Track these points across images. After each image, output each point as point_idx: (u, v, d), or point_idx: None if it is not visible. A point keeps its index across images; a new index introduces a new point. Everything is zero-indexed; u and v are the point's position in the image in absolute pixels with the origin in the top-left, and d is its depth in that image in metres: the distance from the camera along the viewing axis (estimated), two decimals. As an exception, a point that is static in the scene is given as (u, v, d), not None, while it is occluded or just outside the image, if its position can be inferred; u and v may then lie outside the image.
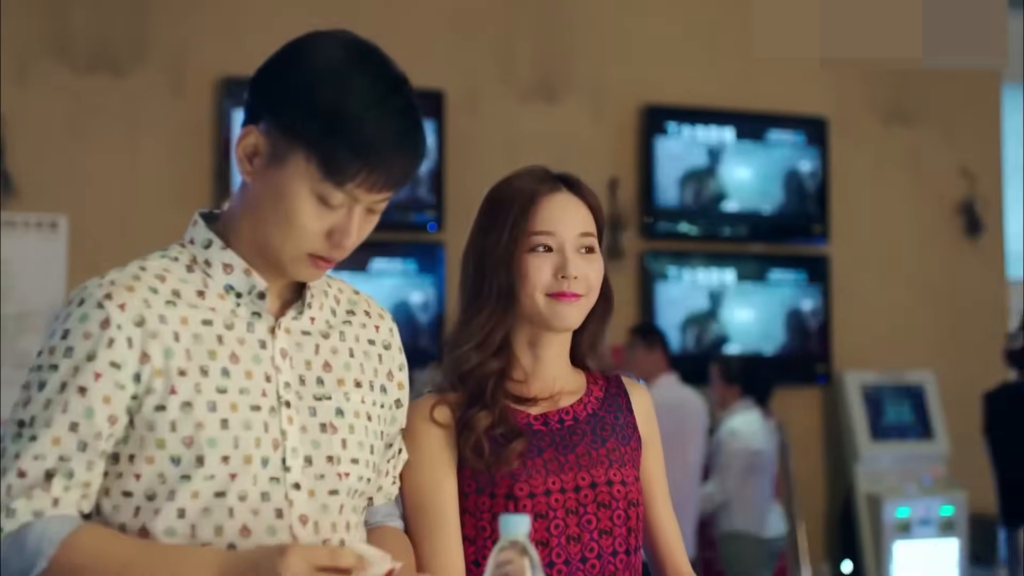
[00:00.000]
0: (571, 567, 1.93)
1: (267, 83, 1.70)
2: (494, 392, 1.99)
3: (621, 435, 2.04)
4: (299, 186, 1.65)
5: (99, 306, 1.65)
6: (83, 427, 1.62)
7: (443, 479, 1.95)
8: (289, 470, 1.69)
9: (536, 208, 2.02)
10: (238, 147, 1.69)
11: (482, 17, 6.33)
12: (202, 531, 1.64)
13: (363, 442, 1.77)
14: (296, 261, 1.70)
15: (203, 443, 1.64)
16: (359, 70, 1.68)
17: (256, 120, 1.68)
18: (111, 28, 5.72)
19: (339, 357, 1.79)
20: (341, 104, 1.63)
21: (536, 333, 2.04)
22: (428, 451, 1.96)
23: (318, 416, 1.73)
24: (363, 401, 1.79)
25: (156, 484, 1.64)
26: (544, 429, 2.00)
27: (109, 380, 1.63)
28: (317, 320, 1.79)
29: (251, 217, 1.71)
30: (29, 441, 1.62)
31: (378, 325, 1.88)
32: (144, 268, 1.71)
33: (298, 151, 1.64)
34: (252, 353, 1.70)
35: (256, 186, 1.69)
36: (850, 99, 6.99)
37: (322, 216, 1.66)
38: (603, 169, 6.30)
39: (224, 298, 1.72)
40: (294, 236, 1.67)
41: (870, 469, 6.61)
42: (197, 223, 1.77)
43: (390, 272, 6.00)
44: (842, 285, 6.89)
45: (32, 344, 5.48)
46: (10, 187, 5.51)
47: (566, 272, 2.00)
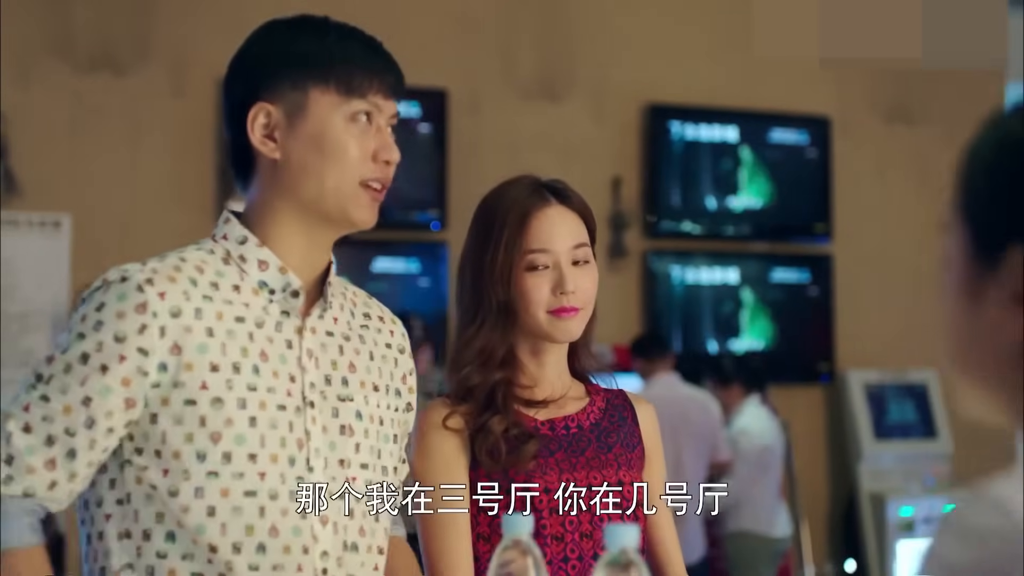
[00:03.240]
0: (584, 563, 1.97)
1: (251, 62, 1.77)
2: (504, 399, 2.02)
3: (626, 442, 2.08)
4: (330, 117, 1.72)
5: (139, 289, 1.65)
6: (95, 403, 1.62)
7: (455, 481, 1.98)
8: (312, 470, 1.70)
9: (529, 225, 2.04)
10: (253, 133, 1.73)
11: (485, 17, 6.33)
12: (232, 530, 1.65)
13: (374, 447, 1.79)
14: (356, 199, 1.74)
15: (231, 440, 1.65)
16: (305, 17, 1.81)
17: (252, 101, 1.73)
18: (113, 27, 5.72)
19: (361, 359, 1.81)
20: (323, 34, 1.76)
21: (538, 343, 2.07)
22: (441, 454, 1.99)
23: (339, 417, 1.74)
24: (379, 405, 1.81)
25: (180, 480, 1.64)
26: (551, 434, 2.03)
27: (132, 364, 1.63)
28: (339, 321, 1.81)
29: (294, 188, 1.73)
30: (40, 399, 1.63)
31: (392, 330, 1.90)
32: (184, 259, 1.72)
33: (313, 89, 1.72)
34: (279, 352, 1.71)
35: (289, 152, 1.72)
36: (853, 98, 6.99)
37: (361, 139, 1.73)
38: (606, 168, 6.30)
39: (257, 294, 1.73)
40: (347, 166, 1.72)
41: (873, 468, 6.61)
42: (230, 220, 1.78)
43: (393, 271, 6.01)
44: (845, 284, 6.89)
45: (35, 343, 5.48)
46: (13, 186, 5.51)
47: (564, 288, 2.03)
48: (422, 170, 6.05)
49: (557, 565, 1.95)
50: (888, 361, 6.88)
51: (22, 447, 1.61)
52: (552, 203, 2.06)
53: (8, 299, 5.47)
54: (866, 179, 7.00)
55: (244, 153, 1.77)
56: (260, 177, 1.76)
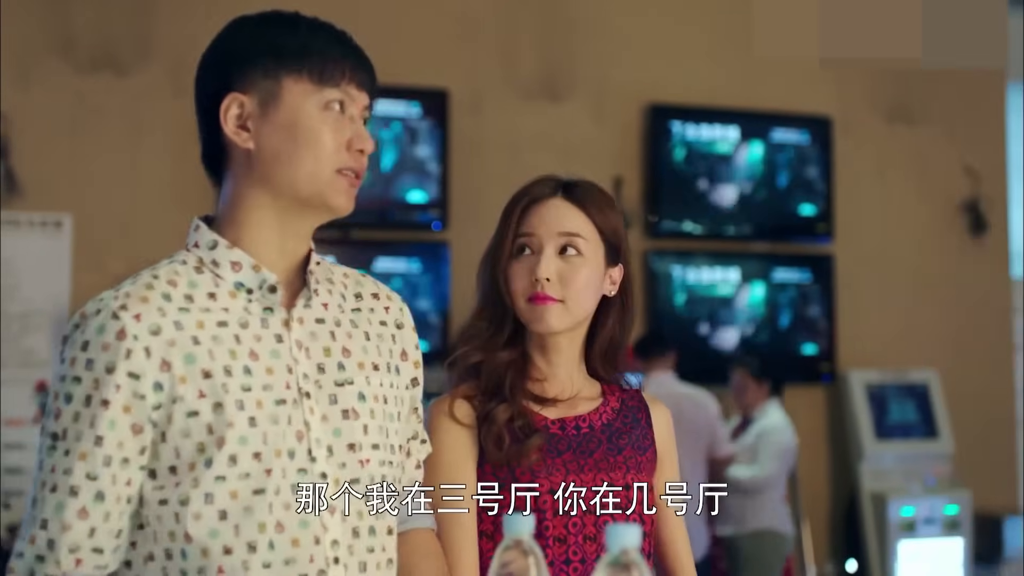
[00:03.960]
0: (586, 565, 1.95)
1: (221, 56, 1.79)
2: (512, 387, 2.01)
3: (637, 445, 2.06)
4: (303, 104, 1.72)
5: (115, 317, 1.66)
6: (107, 439, 1.63)
7: (462, 477, 1.97)
8: (315, 460, 1.70)
9: (526, 213, 2.05)
10: (226, 123, 1.74)
11: (485, 17, 6.33)
12: (246, 530, 1.65)
13: (382, 426, 1.78)
14: (332, 184, 1.74)
15: (235, 442, 1.65)
16: (276, 12, 1.81)
17: (224, 93, 1.74)
18: (114, 27, 5.72)
19: (355, 341, 1.80)
20: (294, 27, 1.76)
21: (544, 338, 2.06)
22: (448, 448, 1.98)
23: (339, 403, 1.74)
24: (381, 384, 1.80)
25: (190, 489, 1.64)
26: (561, 434, 2.01)
27: (128, 391, 1.64)
28: (330, 306, 1.80)
29: (268, 177, 1.73)
30: (64, 456, 1.64)
31: (387, 306, 1.89)
32: (156, 276, 1.72)
33: (286, 77, 1.72)
34: (270, 348, 1.71)
35: (263, 141, 1.73)
36: (854, 98, 6.99)
37: (335, 127, 1.73)
38: (607, 168, 6.30)
39: (235, 296, 1.72)
40: (321, 153, 1.72)
41: (874, 468, 6.61)
42: (199, 227, 1.78)
43: (395, 271, 6.00)
44: (846, 284, 6.88)
45: (35, 344, 5.48)
46: (14, 186, 5.51)
47: (536, 274, 2.01)
48: (423, 170, 6.05)
49: (559, 567, 1.94)
50: (889, 361, 6.88)
51: (53, 506, 1.63)
52: (556, 195, 2.05)
53: (9, 299, 5.47)
54: (867, 179, 7.00)
55: (216, 147, 1.78)
56: (233, 170, 1.76)
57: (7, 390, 5.39)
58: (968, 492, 6.63)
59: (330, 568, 1.69)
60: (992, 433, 7.07)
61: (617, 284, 2.08)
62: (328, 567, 1.69)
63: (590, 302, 2.04)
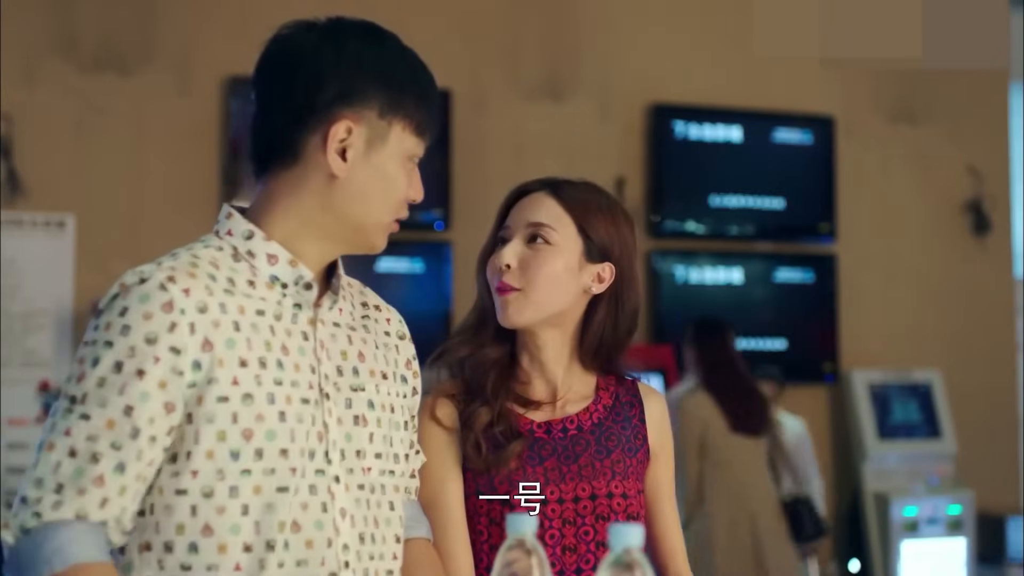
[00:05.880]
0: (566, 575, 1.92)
1: (335, 69, 1.70)
2: (495, 388, 1.97)
3: (627, 447, 2.02)
4: (398, 152, 1.74)
5: (162, 287, 1.61)
6: (137, 411, 1.57)
7: (448, 480, 1.96)
8: (331, 463, 1.69)
9: (512, 207, 2.05)
10: (330, 145, 1.69)
11: (489, 17, 6.33)
12: (266, 528, 1.62)
13: (387, 435, 1.78)
14: (385, 229, 1.77)
15: (262, 436, 1.62)
16: (391, 40, 1.78)
17: (333, 113, 1.69)
18: (118, 27, 5.72)
19: (368, 348, 1.80)
20: (413, 70, 1.76)
21: (524, 335, 2.02)
22: (433, 452, 1.96)
23: (352, 408, 1.73)
24: (389, 393, 1.80)
25: (215, 480, 1.60)
26: (546, 438, 1.98)
27: (167, 365, 1.59)
28: (344, 312, 1.80)
29: (344, 209, 1.72)
30: (80, 419, 1.57)
31: (389, 318, 1.89)
32: (197, 256, 1.68)
33: (396, 124, 1.72)
34: (298, 344, 1.70)
35: (355, 174, 1.71)
36: (857, 98, 6.98)
37: (409, 180, 1.77)
38: (610, 168, 6.30)
39: (271, 288, 1.70)
40: (393, 202, 1.75)
41: (877, 468, 6.60)
42: (233, 215, 1.75)
43: (397, 271, 6.00)
44: (849, 284, 6.88)
45: (38, 344, 5.48)
46: (17, 186, 5.51)
47: (495, 262, 1.99)
48: (426, 170, 6.04)
49: None
50: (892, 361, 6.87)
51: (70, 472, 1.56)
52: (539, 192, 2.04)
53: (12, 299, 5.47)
54: (870, 179, 6.99)
55: (289, 147, 1.72)
56: (300, 180, 1.72)
57: (10, 390, 5.39)
58: (971, 492, 6.63)
59: (341, 572, 1.68)
60: (995, 433, 7.06)
61: (606, 282, 2.02)
62: (339, 571, 1.68)
63: (557, 295, 1.98)
